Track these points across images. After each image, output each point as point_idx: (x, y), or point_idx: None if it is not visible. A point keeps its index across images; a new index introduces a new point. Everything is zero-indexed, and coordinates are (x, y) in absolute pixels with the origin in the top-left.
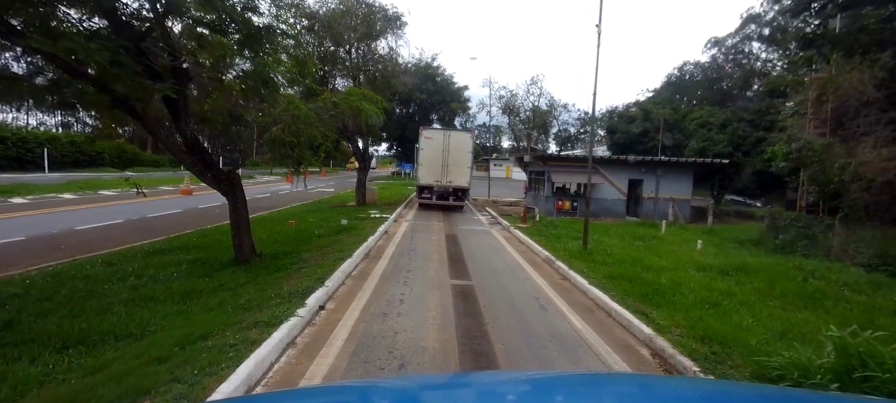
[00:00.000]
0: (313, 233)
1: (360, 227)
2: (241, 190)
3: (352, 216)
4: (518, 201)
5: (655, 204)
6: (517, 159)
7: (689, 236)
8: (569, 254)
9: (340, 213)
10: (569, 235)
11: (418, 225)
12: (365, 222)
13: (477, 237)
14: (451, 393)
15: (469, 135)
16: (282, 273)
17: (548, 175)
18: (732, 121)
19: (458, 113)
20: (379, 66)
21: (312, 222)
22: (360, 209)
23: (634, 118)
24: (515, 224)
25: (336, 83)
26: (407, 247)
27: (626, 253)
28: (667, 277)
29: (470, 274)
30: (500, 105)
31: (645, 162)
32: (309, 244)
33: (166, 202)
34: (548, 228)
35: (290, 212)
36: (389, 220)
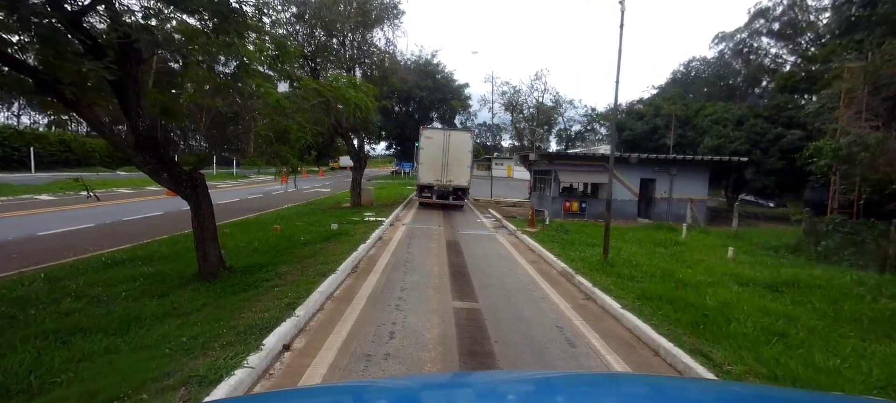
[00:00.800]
0: (298, 240)
1: (352, 232)
2: (205, 193)
3: (344, 220)
4: (522, 201)
5: (669, 205)
6: (521, 158)
7: (713, 242)
8: (588, 265)
9: (333, 216)
10: (583, 240)
11: (417, 230)
12: (358, 226)
13: (482, 244)
14: (451, 393)
15: (469, 134)
16: (250, 293)
17: (554, 174)
18: (749, 117)
19: (458, 111)
20: (375, 59)
21: (300, 227)
22: (354, 211)
23: (643, 115)
24: (522, 228)
25: (328, 77)
26: (402, 257)
27: (653, 264)
28: (711, 296)
29: (476, 293)
30: (503, 101)
31: (658, 160)
32: (290, 254)
33: (149, 204)
34: (559, 232)
35: (279, 214)
36: (385, 224)
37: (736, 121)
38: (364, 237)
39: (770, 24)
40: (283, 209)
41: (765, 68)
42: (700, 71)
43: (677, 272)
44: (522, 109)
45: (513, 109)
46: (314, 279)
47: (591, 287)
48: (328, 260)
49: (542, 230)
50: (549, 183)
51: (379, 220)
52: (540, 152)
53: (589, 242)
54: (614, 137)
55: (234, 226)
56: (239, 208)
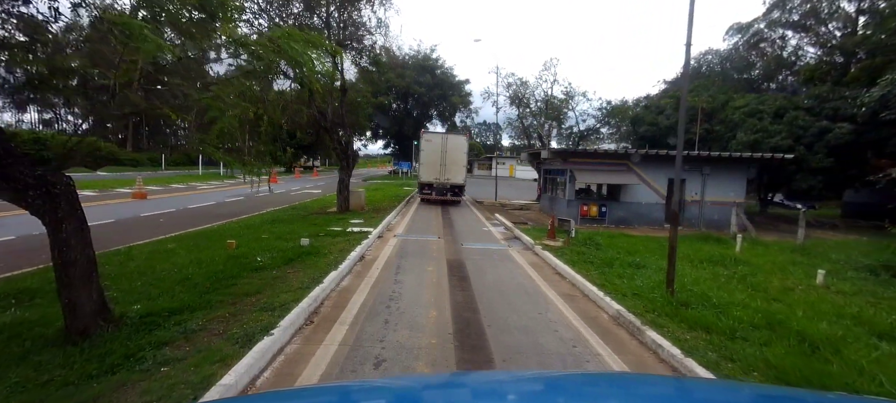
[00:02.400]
0: (253, 262)
1: (326, 250)
2: (71, 207)
3: (324, 229)
4: (529, 203)
5: (701, 208)
6: (530, 156)
7: (778, 257)
8: (649, 304)
9: (312, 224)
10: (621, 258)
11: (411, 245)
12: (337, 240)
13: (494, 266)
14: (451, 393)
15: (464, 137)
16: (116, 377)
17: (569, 174)
18: (787, 109)
19: (459, 108)
20: (365, 43)
21: (264, 241)
22: (339, 218)
23: (663, 108)
24: (540, 240)
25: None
26: (386, 291)
27: (733, 297)
28: (861, 366)
29: (494, 359)
30: (509, 94)
31: (689, 157)
32: (230, 288)
33: (106, 209)
34: (589, 247)
35: (247, 223)
36: (372, 236)
37: (773, 113)
38: (341, 257)
39: (789, 14)
40: (257, 216)
41: (784, 61)
42: (712, 65)
43: (783, 316)
44: (529, 104)
45: (519, 102)
46: (233, 352)
47: (681, 356)
48: (275, 303)
49: (566, 245)
50: (563, 184)
51: (365, 230)
52: (554, 150)
53: (629, 260)
54: (683, 119)
55: (184, 240)
56: (208, 214)
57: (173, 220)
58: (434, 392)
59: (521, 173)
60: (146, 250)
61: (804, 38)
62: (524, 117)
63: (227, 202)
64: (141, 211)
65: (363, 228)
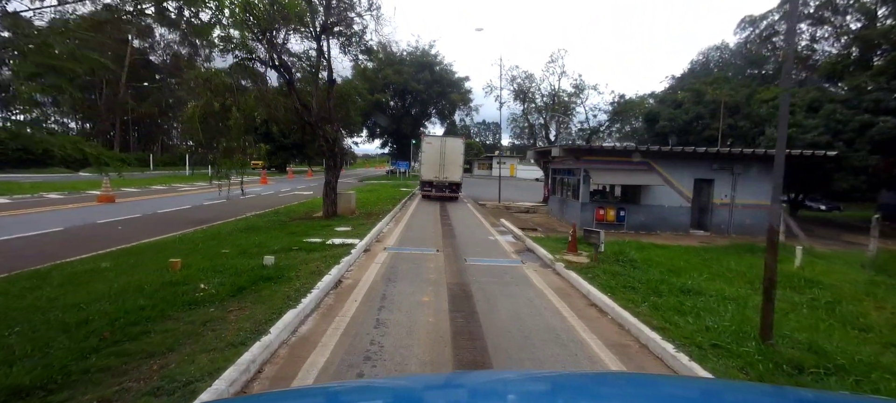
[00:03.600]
0: (192, 291)
1: (294, 271)
2: None
3: (300, 241)
4: (536, 205)
5: (731, 212)
6: (537, 154)
7: (849, 274)
8: (743, 364)
9: (289, 234)
10: (667, 281)
11: (403, 262)
12: (312, 255)
13: (510, 296)
14: (450, 392)
15: (461, 140)
16: None
17: (583, 174)
18: (822, 101)
19: (458, 105)
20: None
21: (221, 258)
22: (324, 225)
23: (681, 102)
24: (560, 255)
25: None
26: (360, 346)
27: (849, 347)
28: None
29: None
30: (513, 88)
31: (719, 155)
32: (125, 346)
33: (60, 216)
34: (623, 265)
35: (214, 232)
36: (357, 249)
37: (806, 107)
38: (308, 285)
39: (804, 6)
40: (232, 223)
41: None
42: (721, 60)
43: None
44: (534, 99)
45: (524, 97)
46: None
47: None
48: (182, 376)
49: (594, 262)
50: (575, 185)
51: (349, 242)
52: (565, 147)
53: (678, 284)
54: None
55: (125, 256)
56: (177, 220)
57: (134, 227)
58: (434, 391)
59: (523, 173)
60: (71, 270)
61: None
62: (529, 113)
63: (204, 206)
64: (101, 217)
65: (348, 239)
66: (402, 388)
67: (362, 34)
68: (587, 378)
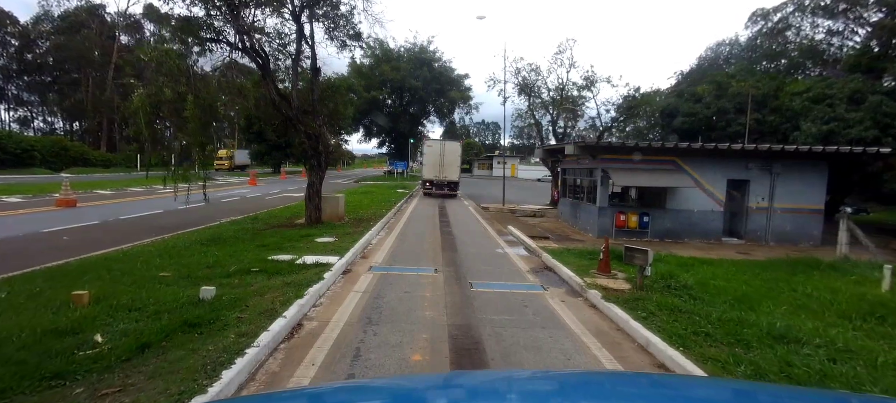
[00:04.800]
0: (85, 343)
1: (239, 309)
2: None
3: (264, 259)
4: (543, 209)
5: (769, 218)
6: (546, 152)
7: None
8: None
9: (258, 247)
10: (744, 319)
11: (391, 289)
12: (273, 281)
13: (535, 345)
14: (450, 392)
15: (459, 143)
16: None
17: (601, 175)
18: (865, 93)
19: (458, 103)
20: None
21: (161, 284)
22: (303, 235)
23: (701, 96)
24: (591, 278)
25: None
26: None
27: None
28: None
29: None
30: (517, 81)
31: (757, 152)
32: None
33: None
34: (678, 294)
35: (171, 244)
36: (334, 270)
37: (847, 99)
38: (250, 335)
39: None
40: (197, 231)
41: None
42: (731, 55)
43: None
44: (540, 93)
45: (529, 92)
46: None
47: None
48: None
49: (638, 288)
50: (591, 187)
51: (325, 261)
52: (580, 143)
53: (768, 325)
54: None
55: (35, 280)
56: (138, 227)
57: (82, 238)
58: (434, 391)
59: (524, 173)
60: None
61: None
62: (535, 109)
63: (177, 211)
64: (53, 224)
65: (325, 255)
66: (402, 388)
67: (350, 16)
68: (587, 378)
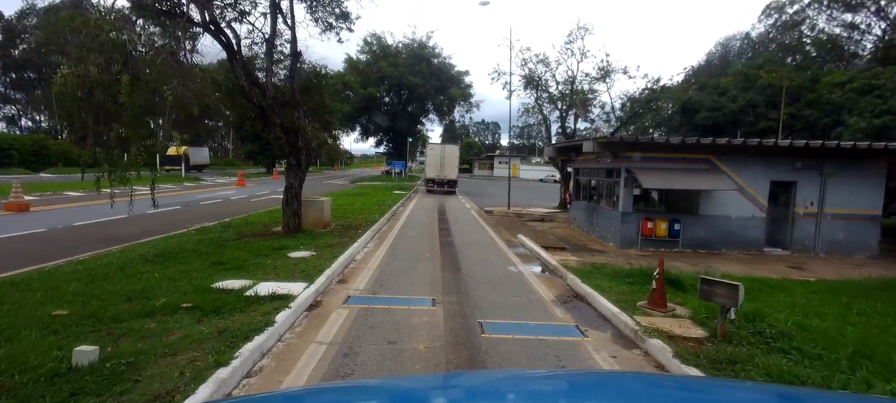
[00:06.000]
0: None
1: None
2: None
3: (206, 289)
4: (552, 212)
5: (818, 225)
6: (557, 150)
7: None
8: None
9: (210, 265)
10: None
11: (370, 334)
12: (197, 332)
13: None
14: (450, 392)
15: (457, 147)
16: None
17: (625, 175)
18: None
19: (458, 101)
20: None
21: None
22: (276, 248)
23: (725, 88)
24: (641, 315)
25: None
26: None
27: None
28: None
29: None
30: (524, 73)
31: (808, 149)
32: None
33: None
34: (776, 349)
35: (107, 263)
36: (295, 306)
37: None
38: None
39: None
40: (150, 243)
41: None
42: (742, 50)
43: None
44: (548, 87)
45: (536, 85)
46: None
47: None
48: None
49: (721, 336)
50: (610, 188)
51: (287, 291)
52: (601, 139)
53: None
54: None
55: None
56: (86, 236)
57: (15, 249)
58: (433, 391)
59: (525, 173)
60: None
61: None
62: (542, 103)
63: (146, 215)
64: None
65: (288, 282)
66: (401, 388)
67: None
68: (587, 378)
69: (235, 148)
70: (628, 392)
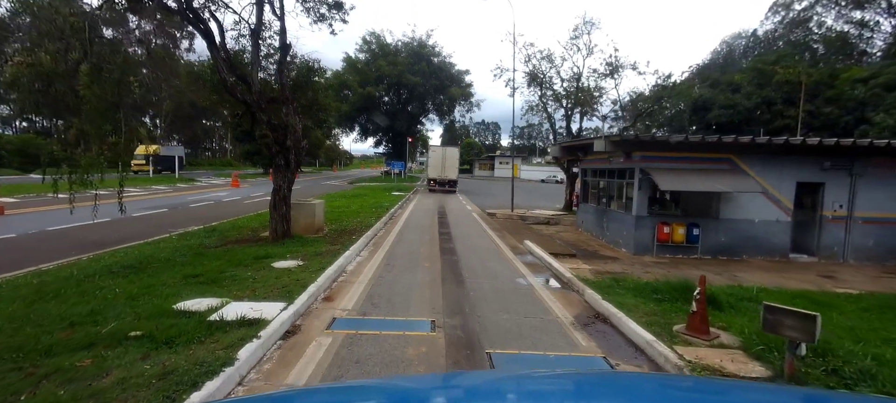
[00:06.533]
0: None
1: None
2: None
3: (166, 311)
4: (557, 215)
5: (848, 229)
6: (563, 150)
7: None
8: None
9: (181, 279)
10: None
11: (356, 367)
12: (141, 371)
13: None
14: (449, 392)
15: (457, 148)
16: None
17: (640, 176)
18: None
19: (458, 100)
20: None
21: None
22: (260, 257)
23: (738, 85)
24: (680, 345)
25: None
26: None
27: None
28: None
29: None
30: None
31: (838, 148)
32: None
33: None
34: (861, 385)
35: (68, 274)
36: (266, 334)
37: None
38: None
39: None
40: (125, 250)
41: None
42: (749, 48)
43: None
44: (552, 85)
45: (540, 83)
46: None
47: None
48: None
49: (791, 371)
50: (623, 189)
51: (258, 315)
52: (614, 138)
53: None
54: None
55: None
56: (67, 241)
57: None
58: (433, 391)
59: (526, 173)
60: None
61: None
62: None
63: (130, 219)
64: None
65: (263, 302)
66: (402, 388)
67: None
68: (587, 378)
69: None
70: (628, 393)
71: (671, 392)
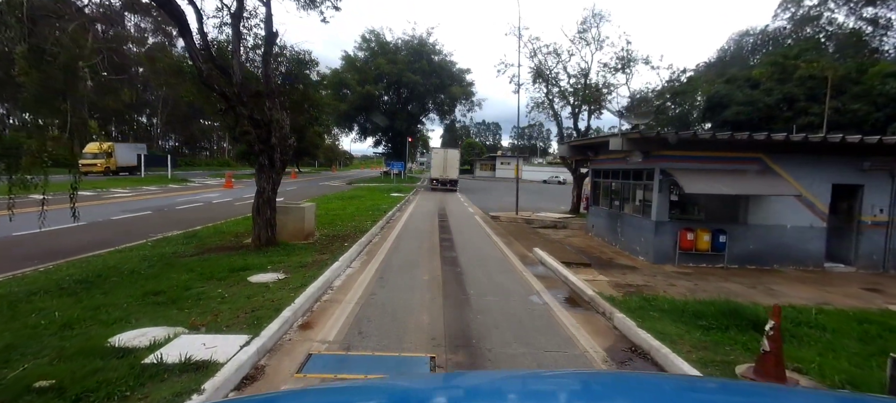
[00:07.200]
0: None
1: None
2: None
3: (93, 351)
4: (564, 218)
5: (889, 236)
6: (572, 149)
7: None
8: None
9: (139, 298)
10: None
11: None
12: None
13: None
14: (450, 392)
15: (458, 150)
16: None
17: (660, 177)
18: None
19: (459, 99)
20: None
21: None
22: (240, 266)
23: (758, 80)
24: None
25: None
26: None
27: None
28: None
29: None
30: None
31: (881, 146)
32: None
33: None
34: None
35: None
36: (219, 380)
37: None
38: None
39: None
40: (85, 259)
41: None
42: (757, 45)
43: None
44: (559, 81)
45: (546, 79)
46: None
47: None
48: None
49: None
50: (638, 192)
51: (209, 356)
52: (631, 136)
53: None
54: None
55: None
56: (32, 248)
57: None
58: (434, 392)
59: (527, 174)
60: None
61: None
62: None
63: (111, 222)
64: None
65: (226, 332)
66: (401, 388)
67: None
68: (587, 378)
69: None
70: (628, 393)
71: (675, 391)
